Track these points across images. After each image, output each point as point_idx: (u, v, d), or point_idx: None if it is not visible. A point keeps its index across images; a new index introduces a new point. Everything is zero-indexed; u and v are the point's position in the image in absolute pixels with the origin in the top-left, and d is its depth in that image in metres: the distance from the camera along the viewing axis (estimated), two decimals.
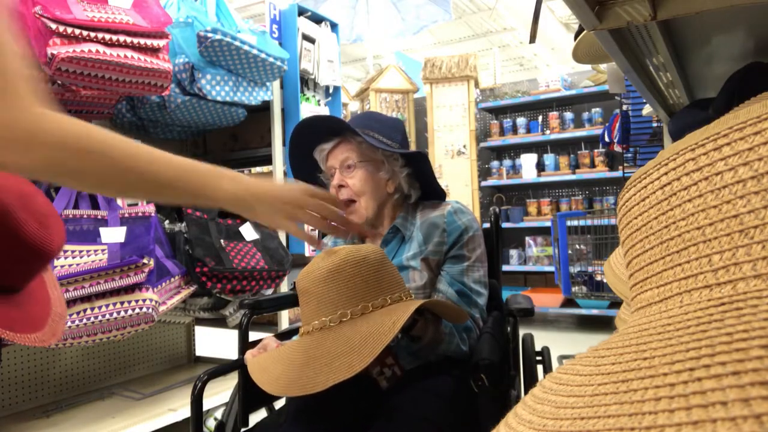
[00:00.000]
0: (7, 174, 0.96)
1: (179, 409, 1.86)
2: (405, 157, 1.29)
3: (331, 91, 2.69)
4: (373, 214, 1.27)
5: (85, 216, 1.66)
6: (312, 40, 2.49)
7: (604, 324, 4.00)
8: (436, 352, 1.12)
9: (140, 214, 1.74)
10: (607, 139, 3.51)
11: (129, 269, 1.53)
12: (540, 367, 1.42)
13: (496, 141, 4.72)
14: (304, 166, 1.36)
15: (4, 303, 0.94)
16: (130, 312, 1.53)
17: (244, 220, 2.07)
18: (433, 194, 1.35)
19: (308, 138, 1.30)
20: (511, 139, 4.67)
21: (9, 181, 0.95)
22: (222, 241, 1.91)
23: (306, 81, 2.54)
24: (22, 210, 0.93)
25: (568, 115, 4.49)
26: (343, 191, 1.26)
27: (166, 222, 1.96)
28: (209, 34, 1.84)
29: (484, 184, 4.70)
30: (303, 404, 1.04)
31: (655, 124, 2.82)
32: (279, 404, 1.42)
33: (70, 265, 1.53)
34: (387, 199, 1.29)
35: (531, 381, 1.38)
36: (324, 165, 1.31)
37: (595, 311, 3.94)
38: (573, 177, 4.34)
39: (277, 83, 2.34)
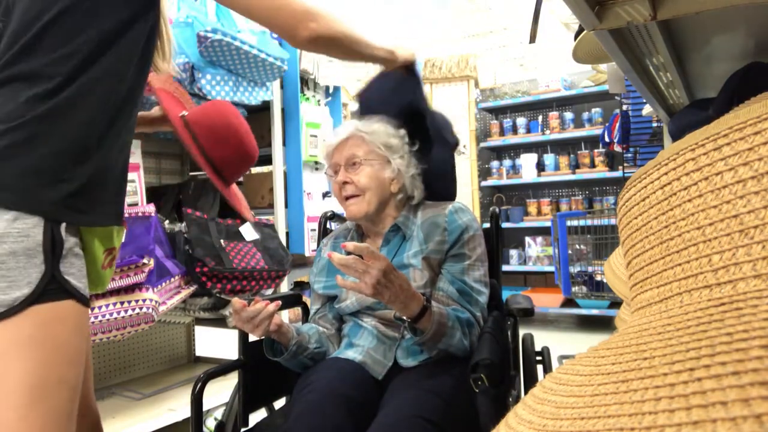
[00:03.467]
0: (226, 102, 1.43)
1: (179, 409, 1.86)
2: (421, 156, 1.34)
3: (331, 91, 2.69)
4: (374, 211, 1.27)
5: None
6: None
7: (604, 324, 4.00)
8: (439, 347, 1.13)
9: (140, 214, 1.74)
10: (607, 139, 3.51)
11: (129, 269, 1.53)
12: (540, 367, 1.42)
13: (496, 141, 4.72)
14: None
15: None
16: (130, 312, 1.53)
17: (243, 221, 2.07)
18: (443, 192, 1.38)
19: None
20: (511, 139, 4.67)
21: (231, 108, 1.39)
22: (222, 241, 1.91)
23: (306, 81, 2.54)
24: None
25: (568, 115, 4.49)
26: (347, 188, 1.27)
27: (166, 222, 1.96)
28: (209, 34, 1.84)
29: (484, 184, 4.70)
30: (304, 404, 1.04)
31: (655, 124, 2.82)
32: (279, 404, 1.42)
33: None
34: (390, 198, 1.30)
35: (531, 381, 1.38)
36: (328, 160, 1.33)
37: (595, 311, 3.93)
38: (573, 177, 4.34)
39: (277, 83, 2.34)
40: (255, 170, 3.40)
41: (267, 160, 2.43)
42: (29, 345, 0.76)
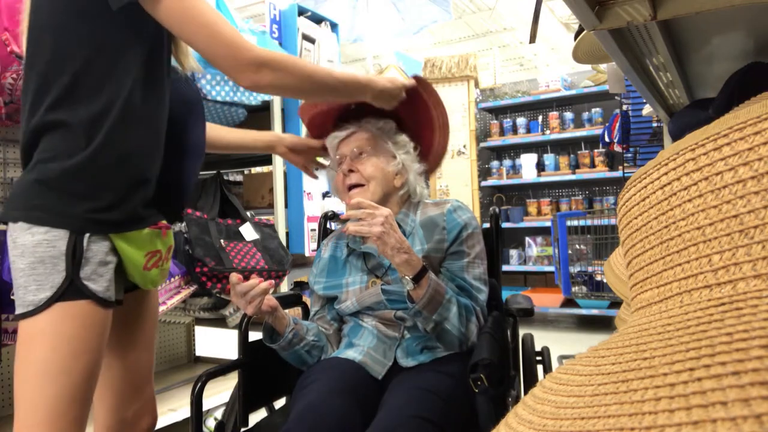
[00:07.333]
0: None
1: (179, 409, 1.86)
2: None
3: None
4: (377, 201, 1.27)
5: None
6: (312, 40, 2.49)
7: (604, 324, 4.00)
8: (435, 318, 1.13)
9: None
10: (607, 139, 3.51)
11: None
12: (540, 367, 1.42)
13: (496, 141, 4.72)
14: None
15: None
16: None
17: (243, 221, 2.07)
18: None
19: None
20: (511, 139, 4.67)
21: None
22: (222, 241, 1.91)
23: None
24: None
25: (568, 115, 4.49)
26: (351, 176, 1.28)
27: None
28: None
29: (484, 184, 4.70)
30: (304, 404, 1.04)
31: (655, 124, 2.82)
32: (279, 404, 1.42)
33: None
34: (393, 192, 1.31)
35: (531, 381, 1.38)
36: (334, 152, 1.34)
37: (595, 311, 3.93)
38: (573, 177, 4.34)
39: None
40: (255, 170, 3.40)
41: (267, 160, 2.43)
42: (40, 337, 0.90)
